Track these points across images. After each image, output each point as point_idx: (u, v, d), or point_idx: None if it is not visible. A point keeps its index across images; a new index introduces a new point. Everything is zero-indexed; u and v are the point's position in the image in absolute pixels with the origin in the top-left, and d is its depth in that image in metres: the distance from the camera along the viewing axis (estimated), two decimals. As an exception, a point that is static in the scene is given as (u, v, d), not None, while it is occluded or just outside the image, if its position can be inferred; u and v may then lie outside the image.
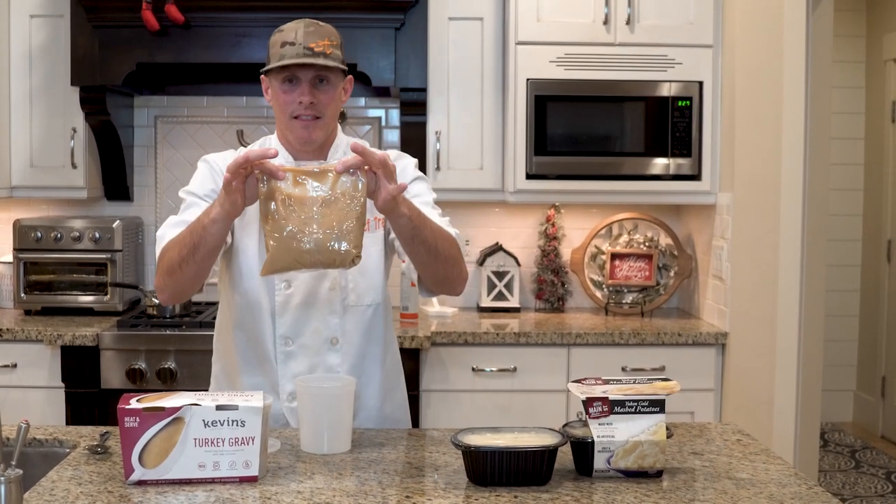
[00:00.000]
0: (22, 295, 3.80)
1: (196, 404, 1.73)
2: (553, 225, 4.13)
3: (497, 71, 3.80)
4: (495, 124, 3.82)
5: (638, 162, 3.75)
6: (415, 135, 3.81)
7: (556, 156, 3.73)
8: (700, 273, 3.97)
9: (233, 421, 1.73)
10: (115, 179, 4.02)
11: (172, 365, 3.42)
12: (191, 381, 3.37)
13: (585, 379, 1.91)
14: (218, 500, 1.66)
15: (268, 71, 2.10)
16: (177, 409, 1.72)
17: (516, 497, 1.69)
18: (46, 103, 3.79)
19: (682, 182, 3.76)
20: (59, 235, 3.80)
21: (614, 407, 1.80)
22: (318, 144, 2.14)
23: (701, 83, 3.72)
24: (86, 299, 3.81)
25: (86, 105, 3.74)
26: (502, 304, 4.03)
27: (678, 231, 4.17)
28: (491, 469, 1.73)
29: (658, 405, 1.81)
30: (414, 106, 3.78)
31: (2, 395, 3.46)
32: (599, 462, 1.79)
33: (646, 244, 4.10)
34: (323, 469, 1.84)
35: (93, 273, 3.82)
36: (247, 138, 3.93)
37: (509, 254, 4.04)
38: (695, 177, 3.75)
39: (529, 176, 3.72)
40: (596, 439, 1.79)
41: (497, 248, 4.05)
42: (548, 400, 3.57)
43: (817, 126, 3.33)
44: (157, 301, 3.58)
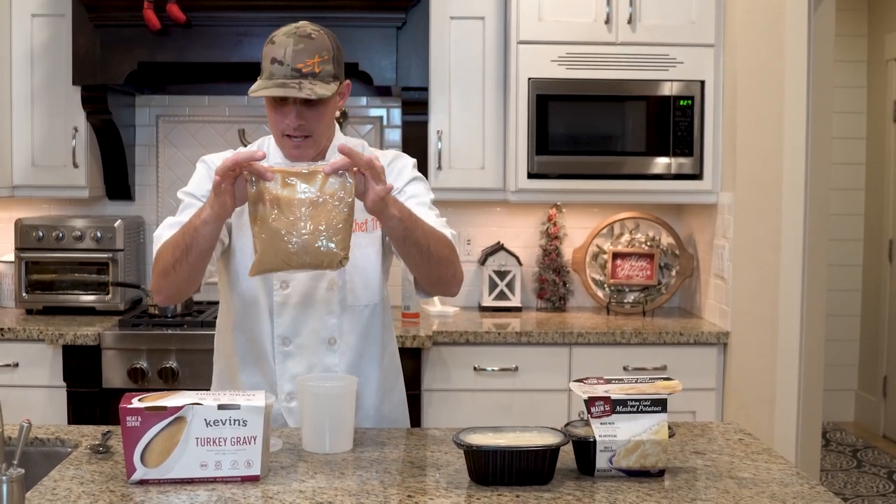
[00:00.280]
0: (23, 294, 3.80)
1: (198, 404, 1.73)
2: (554, 224, 4.13)
3: (498, 70, 3.80)
4: (497, 124, 3.82)
5: (639, 161, 3.75)
6: (416, 134, 3.81)
7: (558, 155, 3.73)
8: (701, 272, 3.97)
9: (235, 420, 1.73)
10: (117, 179, 4.02)
11: (174, 364, 3.42)
12: (192, 381, 3.37)
13: (587, 378, 1.91)
14: (220, 500, 1.66)
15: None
16: (178, 409, 1.72)
17: (518, 496, 1.69)
18: (48, 103, 3.79)
19: (684, 181, 3.75)
20: (61, 235, 3.80)
21: (616, 406, 1.80)
22: (311, 158, 2.14)
23: (702, 82, 3.72)
24: (87, 298, 3.81)
25: (87, 104, 3.74)
26: (504, 304, 4.03)
27: (680, 230, 4.17)
28: (493, 468, 1.73)
29: (660, 404, 1.81)
30: (415, 105, 3.78)
31: (3, 395, 3.46)
32: (601, 461, 1.79)
33: (647, 243, 4.10)
34: (325, 468, 1.84)
35: (94, 272, 3.82)
36: (248, 137, 3.93)
37: (511, 253, 4.04)
38: (696, 176, 3.75)
39: (531, 175, 3.72)
40: (598, 439, 1.79)
41: (498, 248, 4.05)
42: (549, 399, 3.57)
43: (819, 125, 3.33)
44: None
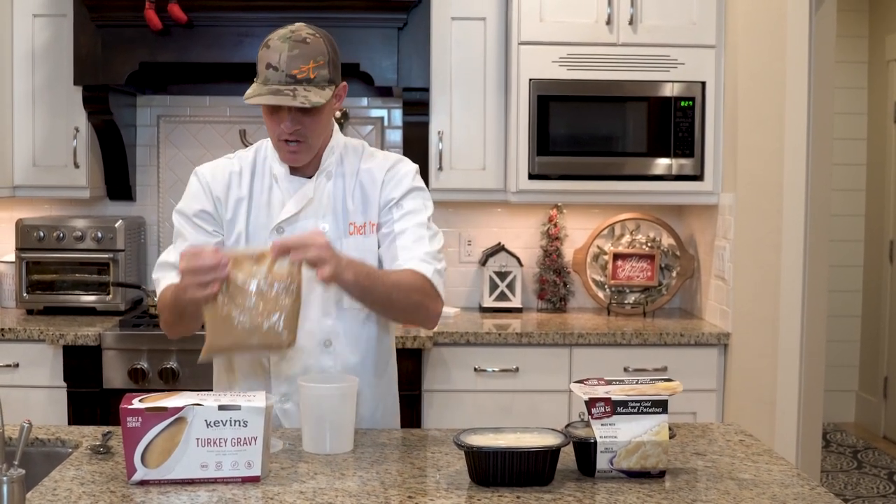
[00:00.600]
0: (24, 294, 3.80)
1: (198, 404, 1.73)
2: (555, 225, 4.13)
3: (500, 71, 3.80)
4: (498, 124, 3.82)
5: (640, 162, 3.74)
6: (417, 135, 3.81)
7: (559, 156, 3.73)
8: (702, 273, 3.97)
9: (235, 421, 1.73)
10: (118, 179, 4.02)
11: (174, 365, 3.42)
12: (192, 381, 3.37)
13: (588, 379, 1.91)
14: (220, 501, 1.66)
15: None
16: (179, 409, 1.72)
17: (519, 497, 1.69)
18: (49, 103, 3.79)
19: (685, 182, 3.75)
20: (62, 235, 3.80)
21: (617, 407, 1.80)
22: (307, 161, 2.15)
23: (703, 83, 3.72)
24: (88, 299, 3.82)
25: (88, 104, 3.74)
26: (504, 305, 4.03)
27: (680, 231, 4.17)
28: (493, 469, 1.73)
29: (661, 405, 1.81)
30: (416, 106, 3.78)
31: (4, 395, 3.45)
32: (602, 462, 1.79)
33: (648, 244, 4.10)
34: (325, 469, 1.84)
35: (95, 273, 3.82)
36: (249, 138, 3.93)
37: (511, 254, 4.04)
38: (697, 177, 3.75)
39: (532, 176, 3.72)
40: (598, 440, 1.79)
41: (499, 249, 4.05)
42: (550, 400, 3.57)
43: (820, 126, 3.33)
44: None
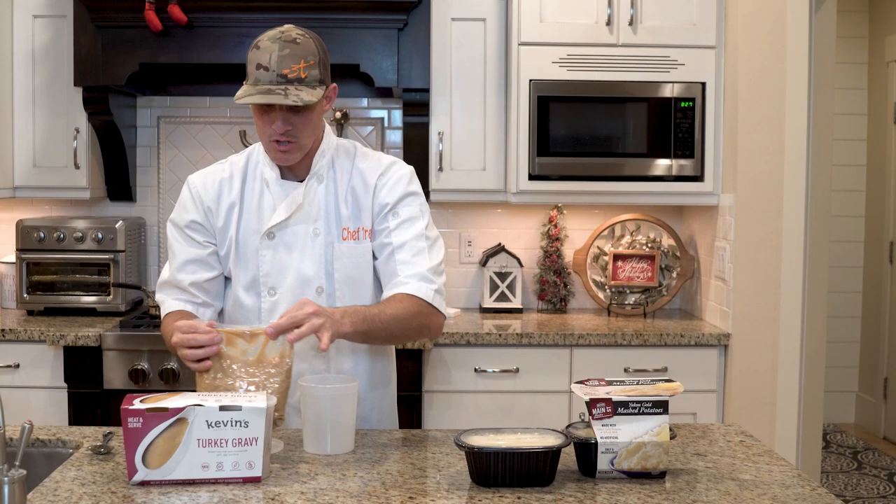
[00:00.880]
0: (24, 295, 3.80)
1: (199, 405, 1.73)
2: (555, 226, 4.13)
3: (500, 72, 3.80)
4: (498, 125, 3.82)
5: (640, 163, 3.75)
6: (417, 135, 3.81)
7: (559, 157, 3.73)
8: (702, 274, 3.97)
9: (236, 422, 1.74)
10: (118, 180, 4.02)
11: (175, 365, 3.42)
12: (193, 382, 3.34)
13: (588, 380, 1.91)
14: (221, 501, 1.66)
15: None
16: (180, 410, 1.72)
17: (519, 498, 1.69)
18: (49, 104, 3.79)
19: (685, 183, 3.75)
20: (62, 236, 3.80)
21: (617, 408, 1.80)
22: (298, 161, 2.16)
23: (704, 84, 3.72)
24: (88, 300, 3.82)
25: (89, 105, 3.74)
26: (504, 305, 4.03)
27: (681, 232, 4.17)
28: (494, 470, 1.73)
29: (661, 406, 1.81)
30: (416, 106, 3.78)
31: (5, 396, 3.46)
32: (603, 463, 1.79)
33: (648, 245, 4.10)
34: (326, 470, 1.84)
35: (95, 273, 3.82)
36: (249, 139, 3.93)
37: (512, 255, 4.04)
38: (697, 178, 3.75)
39: (532, 177, 3.72)
40: (599, 440, 1.79)
41: (499, 249, 4.05)
42: (550, 401, 3.57)
43: (820, 127, 3.33)
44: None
